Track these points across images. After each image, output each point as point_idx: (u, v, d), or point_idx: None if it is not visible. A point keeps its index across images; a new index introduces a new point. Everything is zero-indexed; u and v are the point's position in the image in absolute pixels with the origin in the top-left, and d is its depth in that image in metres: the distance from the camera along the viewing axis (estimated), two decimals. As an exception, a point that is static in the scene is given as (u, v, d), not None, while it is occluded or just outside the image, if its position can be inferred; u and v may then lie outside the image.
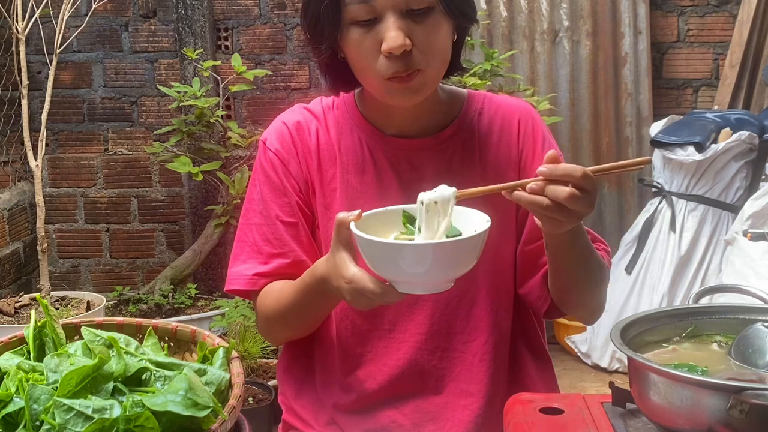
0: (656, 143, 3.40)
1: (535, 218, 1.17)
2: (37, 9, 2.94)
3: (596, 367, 3.47)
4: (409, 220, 1.18)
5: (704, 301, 1.22)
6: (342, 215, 1.15)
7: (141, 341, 1.10)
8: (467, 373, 1.38)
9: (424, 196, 1.13)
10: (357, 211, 1.14)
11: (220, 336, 1.43)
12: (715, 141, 3.27)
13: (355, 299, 1.18)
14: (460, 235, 1.12)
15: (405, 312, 1.38)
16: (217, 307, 3.20)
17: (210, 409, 0.93)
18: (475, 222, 1.14)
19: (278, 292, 1.37)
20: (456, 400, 1.38)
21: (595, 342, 3.46)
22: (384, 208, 1.20)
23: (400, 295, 1.13)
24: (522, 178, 1.39)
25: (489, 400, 1.38)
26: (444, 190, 1.13)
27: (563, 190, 1.09)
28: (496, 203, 1.22)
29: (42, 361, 1.01)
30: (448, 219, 1.12)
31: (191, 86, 3.11)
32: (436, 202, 1.12)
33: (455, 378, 1.39)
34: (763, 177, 3.22)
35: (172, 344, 1.16)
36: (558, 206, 1.11)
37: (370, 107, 1.40)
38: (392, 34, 1.22)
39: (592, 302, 1.39)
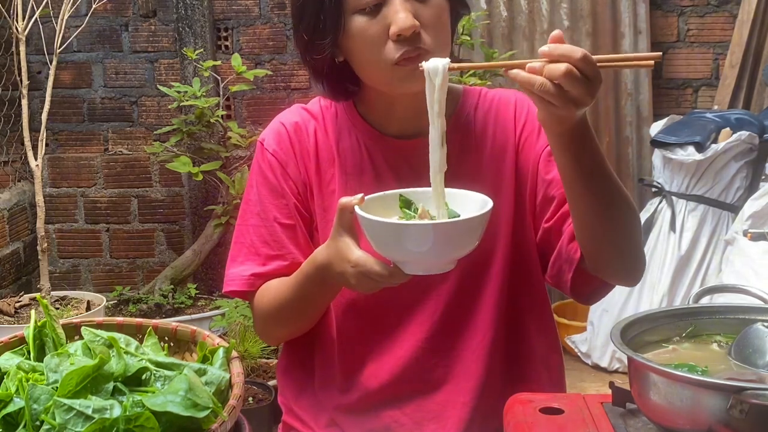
0: (656, 143, 3.39)
1: (537, 114, 1.13)
2: (37, 9, 2.93)
3: (596, 367, 3.46)
4: (406, 204, 1.21)
5: (704, 301, 1.21)
6: (345, 200, 1.17)
7: (141, 341, 1.10)
8: (466, 370, 1.38)
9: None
10: (360, 195, 1.16)
11: (220, 336, 1.43)
12: (715, 141, 3.27)
13: (361, 282, 1.18)
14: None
15: (407, 311, 1.38)
16: (217, 307, 3.20)
17: (210, 410, 0.93)
18: (474, 204, 1.17)
19: (275, 288, 1.37)
20: (456, 397, 1.38)
21: (595, 342, 3.45)
22: (382, 193, 1.22)
23: (405, 276, 1.15)
24: (520, 158, 1.38)
25: (483, 393, 1.37)
26: (436, 61, 1.15)
27: (559, 67, 1.05)
28: (496, 195, 1.22)
29: (42, 361, 1.01)
30: (437, 92, 1.14)
31: (191, 86, 3.11)
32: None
33: (456, 376, 1.38)
34: (763, 177, 3.22)
35: (172, 344, 1.16)
36: (554, 87, 1.06)
37: (369, 107, 1.40)
38: (401, 16, 1.23)
39: (625, 251, 1.28)
